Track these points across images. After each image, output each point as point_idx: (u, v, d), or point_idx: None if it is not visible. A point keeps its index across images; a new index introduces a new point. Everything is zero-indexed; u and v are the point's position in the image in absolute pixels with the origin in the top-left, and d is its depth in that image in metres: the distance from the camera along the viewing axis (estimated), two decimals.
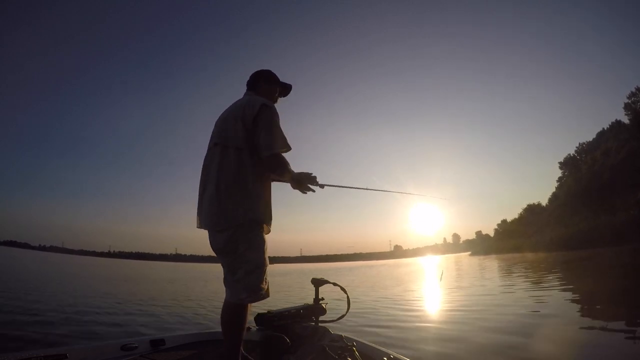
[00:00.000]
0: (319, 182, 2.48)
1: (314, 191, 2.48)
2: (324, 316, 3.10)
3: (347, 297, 3.13)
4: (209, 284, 17.21)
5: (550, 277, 13.88)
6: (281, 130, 2.27)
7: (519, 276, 16.03)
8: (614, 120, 56.77)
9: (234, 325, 2.14)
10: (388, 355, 2.33)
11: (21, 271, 19.59)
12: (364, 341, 2.69)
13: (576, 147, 65.93)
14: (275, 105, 2.51)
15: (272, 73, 2.65)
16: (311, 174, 2.45)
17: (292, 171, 2.36)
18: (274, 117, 2.27)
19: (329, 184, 2.63)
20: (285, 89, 2.71)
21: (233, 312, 2.15)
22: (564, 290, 10.01)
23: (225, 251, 2.19)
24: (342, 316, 3.11)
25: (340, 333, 2.77)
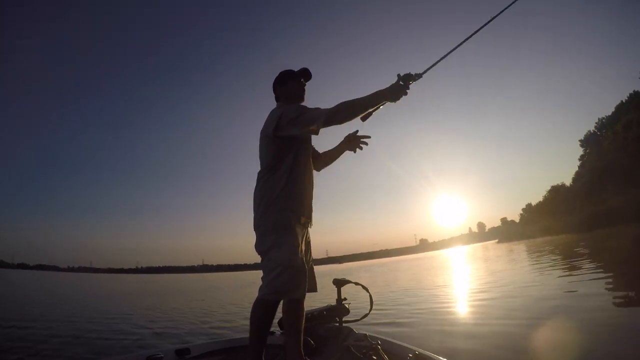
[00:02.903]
0: (416, 74, 2.23)
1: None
2: (348, 316, 3.07)
3: (370, 295, 3.09)
4: (234, 292, 17.43)
5: (586, 259, 13.48)
6: (303, 109, 2.28)
7: (554, 260, 15.61)
8: (632, 91, 54.96)
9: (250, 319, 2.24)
10: (413, 352, 2.28)
11: (50, 293, 19.98)
12: (388, 339, 2.64)
13: (596, 123, 64.21)
14: (305, 95, 2.57)
15: (283, 72, 2.57)
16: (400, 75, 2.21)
17: (369, 96, 2.19)
18: (291, 110, 2.28)
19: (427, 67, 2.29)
20: (305, 75, 2.57)
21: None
22: (603, 273, 9.66)
23: None
24: (366, 315, 3.08)
25: (364, 332, 2.73)
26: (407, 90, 2.20)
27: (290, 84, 2.54)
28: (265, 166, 2.37)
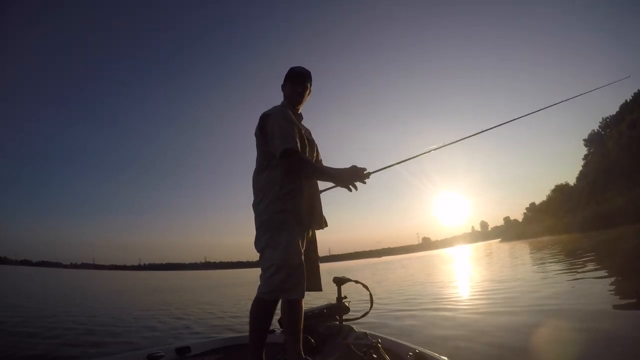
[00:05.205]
0: (367, 173, 2.35)
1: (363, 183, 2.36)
2: (348, 314, 3.06)
3: (370, 294, 3.08)
4: (235, 289, 17.43)
5: (589, 259, 13.41)
6: (282, 129, 2.24)
7: (557, 259, 15.55)
8: (636, 90, 54.50)
9: (249, 318, 2.24)
10: (414, 351, 2.27)
11: (51, 289, 20.00)
12: (389, 337, 2.64)
13: (600, 122, 63.77)
14: (308, 96, 2.57)
15: (291, 68, 2.54)
16: (361, 169, 2.33)
17: (325, 168, 2.38)
18: (273, 122, 2.28)
19: (375, 170, 2.48)
20: (297, 76, 2.51)
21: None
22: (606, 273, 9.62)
23: None
24: (366, 313, 3.08)
25: (364, 330, 2.72)
26: (356, 184, 2.31)
27: (292, 85, 2.51)
28: (260, 165, 2.37)
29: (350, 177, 2.28)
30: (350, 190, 2.30)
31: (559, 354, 3.62)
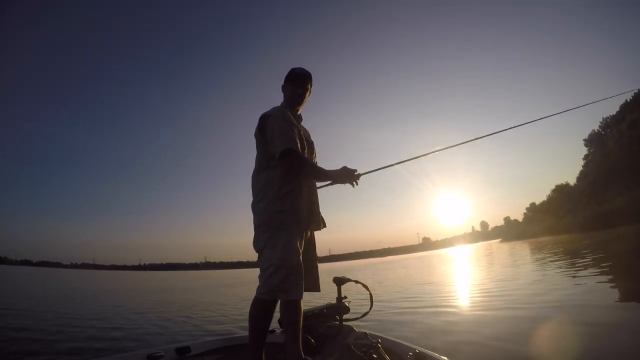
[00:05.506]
0: (358, 175, 2.43)
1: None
2: (348, 314, 3.06)
3: (370, 294, 3.08)
4: (235, 289, 17.43)
5: (590, 259, 13.41)
6: (282, 130, 2.26)
7: (558, 259, 15.55)
8: (636, 90, 54.40)
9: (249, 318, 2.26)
10: (414, 350, 2.27)
11: (53, 289, 19.97)
12: (389, 337, 2.64)
13: (600, 122, 63.67)
14: (308, 97, 2.57)
15: (291, 69, 2.54)
16: (352, 170, 2.41)
17: (323, 169, 2.38)
18: (273, 123, 2.30)
19: (365, 171, 2.54)
20: (297, 77, 2.51)
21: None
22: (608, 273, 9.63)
23: None
24: (366, 313, 3.08)
25: (364, 330, 2.72)
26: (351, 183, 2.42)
27: (290, 86, 2.51)
28: (259, 165, 2.37)
29: (344, 177, 2.38)
30: (353, 185, 2.42)
31: (565, 346, 3.66)
